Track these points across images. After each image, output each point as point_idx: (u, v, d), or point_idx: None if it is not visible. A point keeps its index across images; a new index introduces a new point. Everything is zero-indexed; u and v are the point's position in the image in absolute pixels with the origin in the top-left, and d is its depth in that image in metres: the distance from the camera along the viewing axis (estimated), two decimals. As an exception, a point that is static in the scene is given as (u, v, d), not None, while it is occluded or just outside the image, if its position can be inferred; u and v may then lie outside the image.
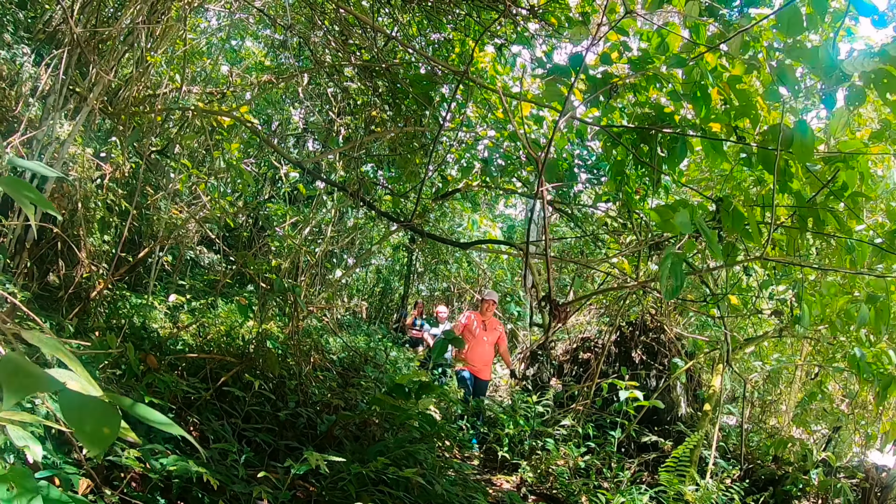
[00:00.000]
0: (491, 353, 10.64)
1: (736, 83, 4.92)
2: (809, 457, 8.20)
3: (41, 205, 1.89)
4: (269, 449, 5.69)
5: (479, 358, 10.37)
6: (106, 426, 1.36)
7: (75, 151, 6.95)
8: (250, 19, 11.03)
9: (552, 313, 4.81)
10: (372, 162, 9.47)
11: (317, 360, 8.12)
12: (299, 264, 8.59)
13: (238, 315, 8.70)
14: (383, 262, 21.86)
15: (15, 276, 6.01)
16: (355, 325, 17.56)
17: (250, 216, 12.89)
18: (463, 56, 8.30)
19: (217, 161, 8.44)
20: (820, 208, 4.57)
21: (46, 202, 1.91)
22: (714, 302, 6.03)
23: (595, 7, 7.23)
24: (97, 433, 1.34)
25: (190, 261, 12.40)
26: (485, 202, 17.20)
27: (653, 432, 8.92)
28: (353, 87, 8.80)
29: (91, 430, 1.34)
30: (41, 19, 8.10)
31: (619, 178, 5.83)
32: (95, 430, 1.34)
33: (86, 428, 1.34)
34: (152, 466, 4.13)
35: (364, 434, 6.49)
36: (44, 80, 6.80)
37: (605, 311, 11.42)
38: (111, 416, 1.39)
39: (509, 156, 8.43)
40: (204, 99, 8.50)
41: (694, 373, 10.49)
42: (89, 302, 6.78)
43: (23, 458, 3.28)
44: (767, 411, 11.40)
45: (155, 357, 5.67)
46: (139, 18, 6.52)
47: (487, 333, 10.52)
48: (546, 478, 7.93)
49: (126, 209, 7.79)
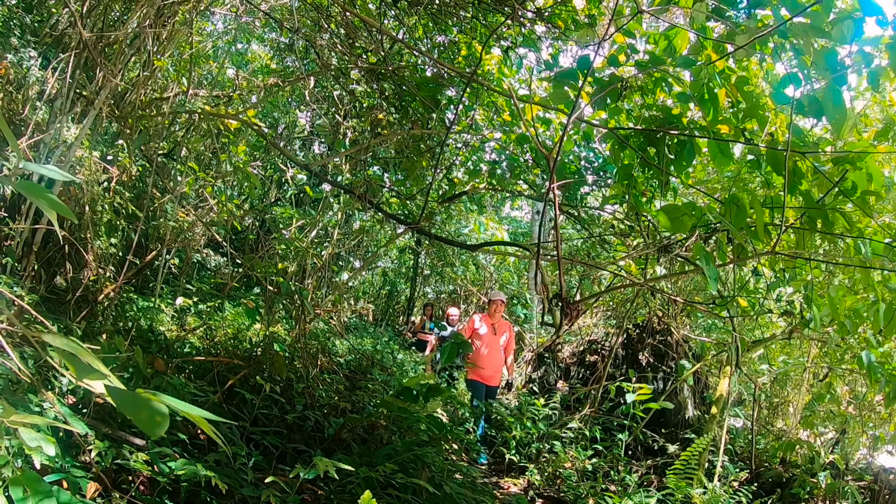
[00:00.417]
0: (501, 357, 10.16)
1: (744, 85, 4.91)
2: (817, 459, 8.17)
3: (58, 209, 1.91)
4: (277, 452, 5.68)
5: (489, 362, 9.92)
6: (157, 415, 1.46)
7: (82, 154, 6.97)
8: (256, 23, 11.06)
9: (564, 312, 4.80)
10: (378, 165, 9.47)
11: (324, 363, 8.12)
12: (306, 267, 8.58)
13: (245, 318, 8.71)
14: (389, 265, 21.87)
15: (22, 278, 6.02)
16: (362, 328, 17.55)
17: (257, 219, 12.90)
18: (469, 59, 8.30)
19: (224, 164, 8.45)
20: (829, 209, 4.56)
21: (63, 206, 1.92)
22: (723, 304, 6.00)
23: (602, 10, 7.23)
24: (152, 420, 1.44)
25: (197, 264, 12.41)
26: (491, 204, 17.19)
27: (660, 435, 8.90)
28: (360, 90, 8.81)
29: (146, 417, 1.44)
30: (48, 23, 8.11)
31: (626, 180, 5.81)
32: (149, 416, 1.44)
33: (141, 416, 1.44)
34: (160, 470, 4.13)
35: (372, 437, 6.48)
36: (51, 84, 6.82)
37: (611, 313, 11.37)
38: (156, 407, 1.48)
39: (516, 158, 8.42)
40: (210, 102, 8.51)
41: (701, 375, 10.45)
42: (97, 305, 6.78)
43: (30, 462, 3.28)
44: (775, 413, 11.36)
45: (162, 360, 5.68)
46: (146, 22, 6.53)
47: (497, 336, 10.12)
48: (553, 481, 7.92)
49: (133, 212, 7.80)
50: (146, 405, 1.45)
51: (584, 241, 9.27)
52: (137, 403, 1.45)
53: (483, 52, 5.48)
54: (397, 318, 21.59)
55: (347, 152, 8.46)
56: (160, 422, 1.43)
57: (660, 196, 6.36)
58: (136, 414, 1.42)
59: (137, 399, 1.46)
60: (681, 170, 5.22)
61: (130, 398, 1.45)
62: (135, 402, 1.45)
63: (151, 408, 1.45)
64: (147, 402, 1.46)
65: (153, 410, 1.45)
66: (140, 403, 1.45)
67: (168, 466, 4.16)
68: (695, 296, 9.74)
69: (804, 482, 7.91)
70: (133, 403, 1.44)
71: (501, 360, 10.24)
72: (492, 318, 10.30)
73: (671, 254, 5.80)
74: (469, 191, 9.06)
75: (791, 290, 7.23)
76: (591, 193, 9.15)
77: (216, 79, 11.96)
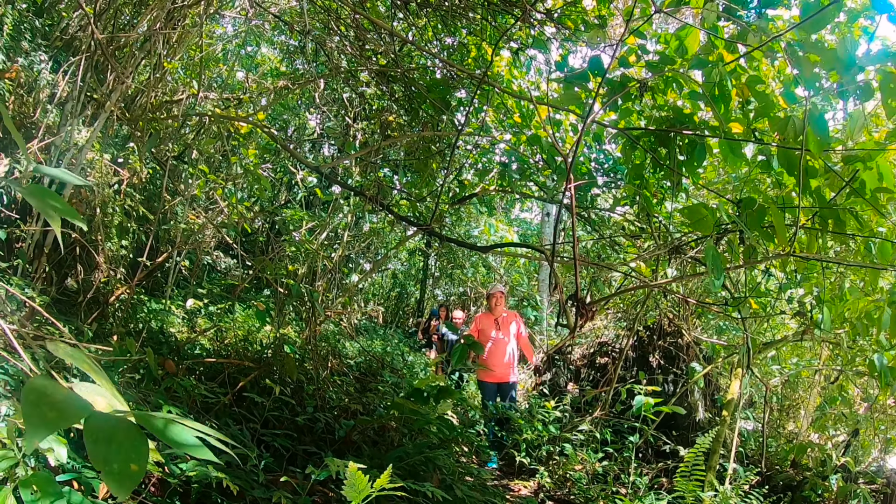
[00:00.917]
0: (509, 352, 9.85)
1: (755, 84, 4.89)
2: (828, 462, 8.13)
3: (67, 215, 1.87)
4: (288, 454, 5.68)
5: (497, 360, 9.70)
6: (134, 461, 1.29)
7: (93, 157, 6.99)
8: (266, 25, 11.08)
9: (579, 312, 4.79)
10: (388, 167, 9.47)
11: (334, 365, 8.12)
12: (316, 269, 8.59)
13: (255, 320, 8.72)
14: (399, 267, 21.89)
15: (34, 280, 6.04)
16: (371, 330, 17.57)
17: (267, 221, 12.93)
18: (479, 60, 8.30)
19: (235, 167, 8.47)
20: (840, 209, 4.53)
21: (73, 212, 1.90)
22: (735, 305, 5.98)
23: (612, 11, 7.21)
24: (125, 472, 1.27)
25: (207, 266, 12.44)
26: (500, 206, 17.19)
27: (671, 437, 8.87)
28: (369, 92, 8.81)
29: (119, 470, 1.27)
30: (58, 27, 8.15)
31: (637, 181, 5.79)
32: (123, 468, 1.27)
33: (114, 467, 1.27)
34: (171, 471, 4.13)
35: (382, 439, 6.47)
36: (61, 87, 6.85)
37: (622, 315, 11.32)
38: (140, 447, 1.33)
39: (526, 160, 8.40)
40: (221, 105, 8.53)
41: (712, 377, 10.41)
42: (107, 306, 6.80)
43: (44, 462, 3.29)
44: (786, 416, 11.31)
45: (173, 362, 5.69)
46: (156, 25, 6.55)
47: (503, 331, 9.91)
48: (564, 483, 7.90)
49: (143, 215, 7.82)
50: (127, 447, 1.29)
51: (595, 243, 9.24)
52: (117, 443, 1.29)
53: (494, 54, 5.47)
54: (407, 319, 21.60)
55: (357, 154, 8.46)
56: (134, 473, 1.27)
57: (671, 197, 6.34)
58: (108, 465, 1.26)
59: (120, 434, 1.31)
60: (692, 170, 5.21)
61: (110, 435, 1.30)
62: (114, 440, 1.29)
63: (130, 453, 1.29)
64: (129, 441, 1.31)
65: (130, 457, 1.28)
66: (121, 444, 1.29)
67: (179, 468, 4.16)
68: (706, 297, 9.69)
69: (815, 485, 7.87)
70: (111, 444, 1.29)
71: (514, 356, 9.98)
72: (494, 313, 10.08)
73: (683, 255, 5.78)
74: (480, 193, 9.05)
75: (802, 292, 7.20)
76: (602, 195, 9.12)
77: (226, 81, 12.00)
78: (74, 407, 1.35)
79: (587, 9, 7.37)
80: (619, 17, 8.32)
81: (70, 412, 1.32)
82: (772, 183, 6.54)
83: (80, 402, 1.39)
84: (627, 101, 5.31)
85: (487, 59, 7.98)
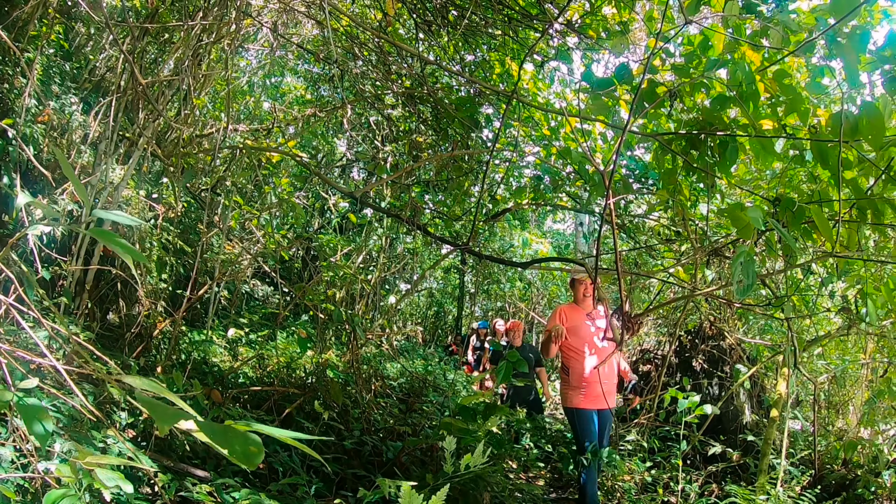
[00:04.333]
0: (612, 364, 6.91)
1: (782, 78, 4.86)
2: (880, 457, 7.99)
3: (131, 253, 1.99)
4: (337, 478, 5.70)
5: (604, 376, 6.62)
6: (252, 445, 1.47)
7: (129, 194, 7.10)
8: (289, 55, 11.20)
9: (625, 326, 4.77)
10: (420, 189, 9.51)
11: (377, 387, 8.14)
12: (355, 293, 8.63)
13: (297, 346, 8.78)
14: (435, 286, 21.94)
15: (77, 316, 6.12)
16: (411, 350, 17.61)
17: (302, 247, 13.04)
18: (504, 76, 8.33)
19: (269, 196, 8.56)
20: (878, 199, 4.48)
21: (135, 251, 2.01)
22: (779, 304, 5.92)
23: (633, 17, 7.21)
24: (246, 451, 1.45)
25: (245, 294, 12.55)
26: (533, 219, 17.19)
27: (718, 441, 8.78)
28: (396, 115, 8.88)
29: (241, 450, 1.44)
30: (86, 69, 8.30)
31: (671, 186, 5.77)
32: (244, 449, 1.45)
33: (236, 448, 1.45)
34: (224, 501, 4.16)
35: (431, 459, 6.47)
36: (93, 127, 6.97)
37: (662, 321, 11.24)
38: (248, 437, 1.49)
39: (558, 172, 8.39)
40: (250, 136, 8.63)
41: (758, 378, 10.30)
42: (151, 340, 6.88)
43: (98, 496, 3.33)
44: (834, 413, 11.15)
45: (219, 391, 5.74)
46: (184, 63, 6.66)
47: (599, 333, 6.83)
48: (613, 494, 7.84)
49: (181, 248, 7.92)
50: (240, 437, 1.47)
51: (631, 251, 9.20)
52: (231, 437, 1.47)
53: (520, 69, 5.49)
54: (445, 337, 21.63)
55: (390, 178, 8.50)
56: (255, 452, 1.45)
57: (705, 199, 6.31)
58: (231, 447, 1.44)
59: (230, 432, 1.48)
60: (725, 170, 5.18)
61: (223, 432, 1.48)
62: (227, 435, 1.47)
63: (245, 439, 1.47)
64: (240, 434, 1.48)
65: (247, 441, 1.47)
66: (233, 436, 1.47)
67: (232, 497, 4.19)
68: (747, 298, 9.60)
69: (868, 482, 7.74)
70: (226, 437, 1.46)
71: (614, 372, 7.05)
72: (583, 306, 6.97)
73: (723, 257, 5.75)
74: (513, 208, 9.04)
75: (844, 285, 7.12)
76: (634, 201, 9.09)
77: (252, 112, 12.14)
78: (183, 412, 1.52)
79: (607, 16, 7.37)
80: (641, 22, 8.33)
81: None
82: (805, 177, 6.49)
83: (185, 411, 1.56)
84: (659, 106, 5.30)
85: (512, 75, 8.01)
